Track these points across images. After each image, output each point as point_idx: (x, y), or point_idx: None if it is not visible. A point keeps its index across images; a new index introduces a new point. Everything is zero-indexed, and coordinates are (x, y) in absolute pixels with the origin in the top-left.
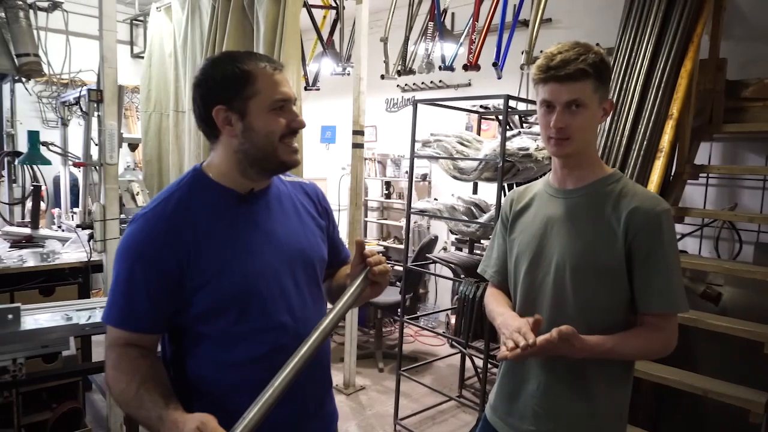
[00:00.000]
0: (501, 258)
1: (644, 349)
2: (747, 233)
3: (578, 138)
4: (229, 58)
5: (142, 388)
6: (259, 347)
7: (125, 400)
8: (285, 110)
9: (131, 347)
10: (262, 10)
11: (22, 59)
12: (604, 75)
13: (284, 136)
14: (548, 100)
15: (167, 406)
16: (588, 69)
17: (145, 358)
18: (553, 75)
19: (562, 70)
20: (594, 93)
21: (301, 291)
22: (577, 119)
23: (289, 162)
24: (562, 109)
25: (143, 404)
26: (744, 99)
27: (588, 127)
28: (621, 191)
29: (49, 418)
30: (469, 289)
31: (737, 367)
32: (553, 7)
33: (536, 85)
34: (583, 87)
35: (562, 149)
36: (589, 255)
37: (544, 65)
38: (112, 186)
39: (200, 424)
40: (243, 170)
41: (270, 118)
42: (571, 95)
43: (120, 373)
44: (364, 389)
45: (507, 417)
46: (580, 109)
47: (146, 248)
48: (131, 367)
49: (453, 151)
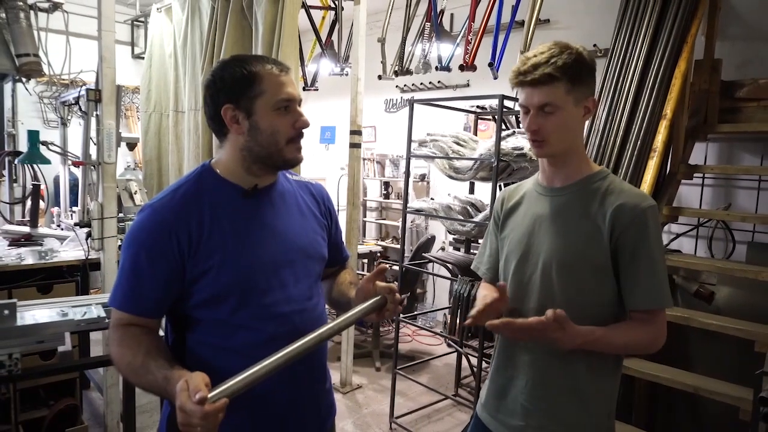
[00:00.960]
0: (493, 255)
1: (632, 341)
2: (741, 233)
3: (554, 139)
4: (237, 60)
5: (147, 356)
6: (258, 335)
7: (133, 371)
8: (290, 110)
9: (134, 326)
10: (261, 10)
11: (22, 59)
12: (578, 75)
13: (291, 138)
14: (523, 105)
15: (172, 367)
16: (555, 73)
17: (147, 334)
18: (521, 81)
19: (530, 75)
20: (566, 95)
21: (299, 284)
22: (550, 121)
23: (293, 160)
24: (536, 112)
25: (149, 370)
26: (739, 99)
27: (564, 128)
28: (607, 188)
29: (47, 414)
30: (464, 288)
31: (729, 365)
32: (552, 8)
33: (513, 89)
34: (552, 90)
35: (540, 150)
36: (576, 252)
37: (516, 70)
38: (110, 185)
39: (188, 377)
40: (247, 167)
41: (275, 117)
42: (541, 99)
43: (125, 348)
44: (361, 388)
45: (497, 413)
46: (552, 113)
47: (151, 237)
48: (135, 342)
49: (449, 151)
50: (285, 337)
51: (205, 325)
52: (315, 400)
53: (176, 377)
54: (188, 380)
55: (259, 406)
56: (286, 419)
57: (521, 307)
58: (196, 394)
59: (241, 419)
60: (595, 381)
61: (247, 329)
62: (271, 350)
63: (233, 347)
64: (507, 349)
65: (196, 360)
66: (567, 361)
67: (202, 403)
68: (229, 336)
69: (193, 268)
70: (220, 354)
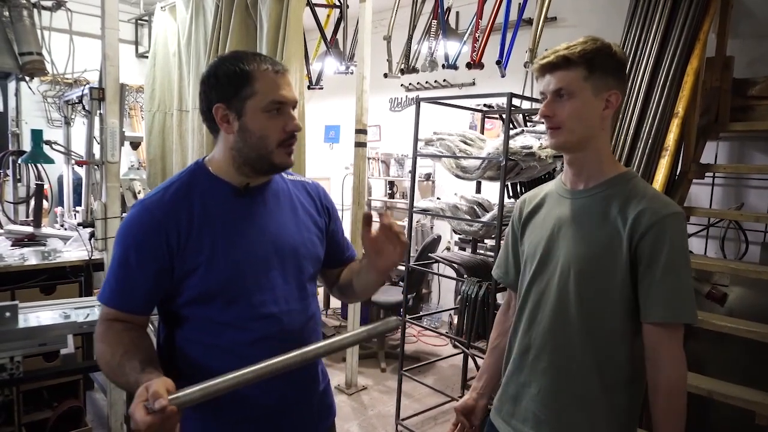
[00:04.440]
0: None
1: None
2: (753, 233)
3: (568, 127)
4: (233, 57)
5: (124, 356)
6: (246, 334)
7: (111, 369)
8: (281, 113)
9: (118, 322)
10: (266, 9)
11: (25, 58)
12: (598, 64)
13: (282, 142)
14: (542, 92)
15: (143, 371)
16: (572, 57)
17: (130, 331)
18: (541, 65)
19: (545, 60)
20: (583, 81)
21: (289, 285)
22: (565, 107)
23: (281, 165)
24: (551, 98)
25: (124, 371)
26: (751, 97)
27: (580, 116)
28: (630, 192)
29: (50, 416)
30: (472, 289)
31: (743, 368)
32: (559, 6)
33: (537, 80)
34: (567, 75)
35: (554, 139)
36: (594, 259)
37: (538, 58)
38: (113, 184)
39: (147, 384)
40: (238, 166)
41: (265, 119)
42: (556, 84)
43: (105, 345)
44: (366, 389)
45: (510, 419)
46: (568, 98)
47: (140, 234)
48: (116, 339)
49: (456, 150)
50: (274, 337)
51: (194, 323)
52: (307, 403)
53: (143, 382)
54: (148, 386)
55: (244, 407)
56: (274, 421)
57: (536, 312)
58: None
59: (225, 420)
60: (607, 394)
61: (235, 328)
62: (260, 350)
63: (221, 345)
64: (523, 355)
65: (185, 357)
66: (580, 372)
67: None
68: (218, 334)
69: (181, 265)
70: (209, 352)
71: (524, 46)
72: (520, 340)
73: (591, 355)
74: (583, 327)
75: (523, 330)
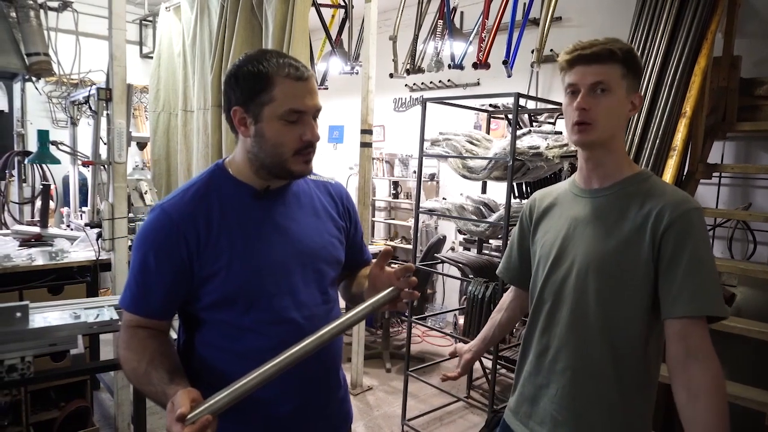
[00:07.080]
0: (519, 262)
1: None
2: (761, 233)
3: (602, 124)
4: (256, 59)
5: (150, 365)
6: (266, 340)
7: (137, 377)
8: (300, 122)
9: (142, 328)
10: (271, 9)
11: (32, 58)
12: (633, 64)
13: (299, 151)
14: (573, 83)
15: (171, 382)
16: (616, 51)
17: (154, 338)
18: (580, 55)
19: (589, 50)
20: (621, 79)
21: (310, 289)
22: (601, 103)
23: (298, 172)
24: (587, 91)
25: (151, 380)
26: (758, 97)
27: (613, 115)
28: (649, 190)
29: (57, 416)
30: (478, 289)
31: (752, 369)
32: (565, 5)
33: (562, 71)
34: (609, 70)
35: (585, 135)
36: (614, 257)
37: (571, 48)
38: (120, 185)
39: (175, 398)
40: (255, 170)
41: (281, 127)
42: (596, 77)
43: (131, 352)
44: (372, 389)
45: (528, 420)
46: (605, 94)
47: (159, 238)
48: (141, 346)
49: (462, 150)
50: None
51: (214, 327)
52: (325, 409)
53: (170, 395)
54: (174, 400)
55: (263, 414)
56: (298, 427)
57: (553, 312)
58: (177, 411)
59: (244, 427)
60: (626, 395)
61: (255, 333)
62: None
63: (240, 351)
64: (540, 356)
65: (203, 362)
66: (598, 373)
67: (182, 420)
68: (236, 339)
69: (200, 269)
70: (227, 357)
71: (530, 46)
72: (537, 340)
73: (609, 356)
74: (601, 327)
75: (540, 331)
